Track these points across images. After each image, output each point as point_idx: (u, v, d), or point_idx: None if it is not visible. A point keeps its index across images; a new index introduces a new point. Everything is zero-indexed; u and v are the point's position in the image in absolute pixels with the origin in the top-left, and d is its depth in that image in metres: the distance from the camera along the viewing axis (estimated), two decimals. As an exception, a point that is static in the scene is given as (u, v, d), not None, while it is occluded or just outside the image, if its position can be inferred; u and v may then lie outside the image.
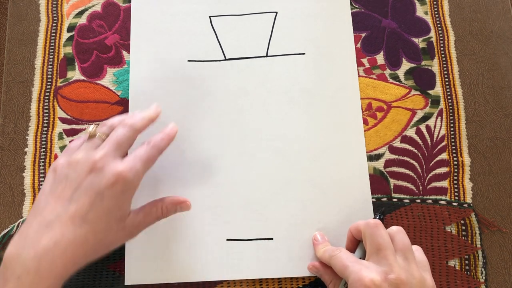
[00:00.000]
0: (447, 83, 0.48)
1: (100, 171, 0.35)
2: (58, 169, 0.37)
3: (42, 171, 0.45)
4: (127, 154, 0.39)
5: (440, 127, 0.47)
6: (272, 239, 0.43)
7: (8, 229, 0.44)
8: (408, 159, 0.46)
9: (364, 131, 0.46)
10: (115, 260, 0.43)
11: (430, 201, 0.45)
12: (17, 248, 0.33)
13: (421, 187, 0.45)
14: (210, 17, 0.49)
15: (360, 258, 0.38)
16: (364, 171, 0.45)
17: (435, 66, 0.48)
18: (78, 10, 0.50)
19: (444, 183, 0.45)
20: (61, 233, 0.33)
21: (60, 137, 0.46)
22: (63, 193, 0.35)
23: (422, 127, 0.46)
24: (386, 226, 0.44)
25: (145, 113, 0.40)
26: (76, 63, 0.48)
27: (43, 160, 0.46)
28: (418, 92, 0.48)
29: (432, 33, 0.49)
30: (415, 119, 0.47)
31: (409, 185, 0.45)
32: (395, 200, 0.45)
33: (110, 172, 0.35)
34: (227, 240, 0.43)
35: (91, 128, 0.39)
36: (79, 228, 0.34)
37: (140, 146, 0.38)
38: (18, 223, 0.44)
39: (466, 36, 0.49)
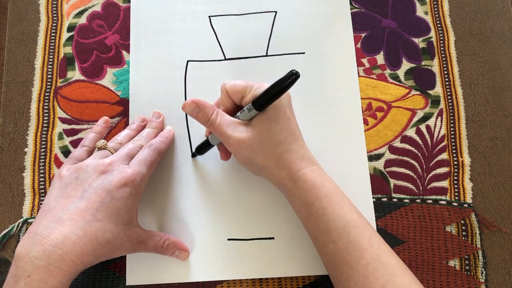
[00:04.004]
0: (447, 83, 0.48)
1: (110, 173, 0.37)
2: (66, 174, 0.38)
3: (42, 171, 0.45)
4: None
5: (440, 127, 0.47)
6: (273, 238, 0.43)
7: (8, 229, 0.44)
8: (408, 159, 0.46)
9: (364, 131, 0.46)
10: (115, 260, 0.43)
11: (430, 201, 0.45)
12: (26, 247, 0.33)
13: (421, 187, 0.45)
14: (209, 17, 0.49)
15: None
16: (364, 171, 0.45)
17: (435, 66, 0.48)
18: (78, 10, 0.50)
19: (444, 183, 0.45)
20: (71, 228, 0.34)
21: (60, 137, 0.46)
22: (73, 193, 0.36)
23: (422, 127, 0.47)
24: (386, 226, 0.44)
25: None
26: (76, 63, 0.48)
27: (43, 160, 0.46)
28: (418, 92, 0.48)
29: (432, 33, 0.49)
30: (415, 119, 0.47)
31: (409, 185, 0.45)
32: (395, 200, 0.45)
33: (119, 175, 0.37)
34: (228, 239, 0.43)
35: (101, 141, 0.41)
36: (88, 224, 0.34)
37: (143, 150, 0.40)
38: (18, 223, 0.44)
39: (466, 36, 0.49)
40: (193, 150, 0.45)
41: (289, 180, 0.38)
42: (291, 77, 0.35)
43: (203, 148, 0.43)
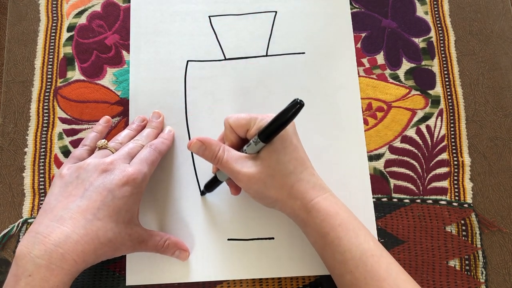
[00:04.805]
0: (447, 83, 0.48)
1: (111, 172, 0.37)
2: (67, 173, 0.38)
3: (42, 171, 0.45)
4: None
5: (440, 127, 0.47)
6: (273, 238, 0.43)
7: (8, 229, 0.44)
8: (408, 159, 0.46)
9: (364, 131, 0.46)
10: (115, 260, 0.43)
11: (430, 201, 0.45)
12: (27, 246, 0.33)
13: (421, 187, 0.45)
14: (209, 17, 0.49)
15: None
16: (364, 171, 0.45)
17: (435, 66, 0.48)
18: (78, 10, 0.50)
19: (444, 183, 0.45)
20: (73, 227, 0.34)
21: (60, 137, 0.46)
22: (74, 191, 0.36)
23: (422, 127, 0.46)
24: (386, 227, 0.44)
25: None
26: (76, 63, 0.48)
27: (43, 160, 0.46)
28: (418, 92, 0.48)
29: (432, 33, 0.49)
30: (415, 119, 0.47)
31: (409, 185, 0.45)
32: (395, 200, 0.45)
33: (121, 173, 0.37)
34: (228, 239, 0.43)
35: (102, 141, 0.41)
36: (90, 223, 0.34)
37: (144, 149, 0.40)
38: (18, 223, 0.44)
39: (466, 36, 0.49)
40: (202, 188, 0.44)
41: (303, 210, 0.37)
42: (295, 107, 0.34)
43: (212, 185, 0.42)
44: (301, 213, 0.37)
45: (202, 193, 0.44)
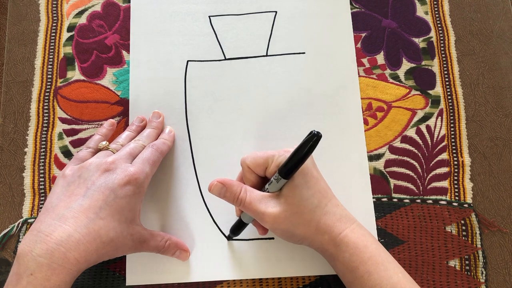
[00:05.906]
0: (447, 83, 0.48)
1: (113, 171, 0.37)
2: (69, 173, 0.38)
3: (42, 171, 0.45)
4: None
5: (440, 127, 0.47)
6: (273, 238, 0.43)
7: (8, 229, 0.44)
8: (408, 159, 0.46)
9: (364, 131, 0.46)
10: (115, 260, 0.43)
11: (430, 201, 0.45)
12: (29, 244, 0.33)
13: (421, 187, 0.45)
14: (209, 17, 0.49)
15: None
16: (364, 171, 0.45)
17: (435, 66, 0.48)
18: (78, 10, 0.50)
19: (444, 183, 0.45)
20: (75, 226, 0.34)
21: (60, 137, 0.46)
22: (76, 191, 0.36)
23: (422, 127, 0.46)
24: (386, 227, 0.44)
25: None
26: (76, 63, 0.48)
27: (43, 160, 0.46)
28: (418, 92, 0.48)
29: (432, 33, 0.49)
30: (415, 119, 0.47)
31: (409, 185, 0.45)
32: (395, 200, 0.45)
33: (123, 173, 0.37)
34: (228, 240, 0.43)
35: (103, 143, 0.41)
36: (92, 222, 0.34)
37: (146, 150, 0.41)
38: (18, 223, 0.44)
39: (466, 36, 0.49)
40: (228, 233, 0.42)
41: (331, 245, 0.37)
42: (313, 139, 0.34)
43: (238, 228, 0.41)
44: (329, 247, 0.37)
45: (229, 237, 0.43)
